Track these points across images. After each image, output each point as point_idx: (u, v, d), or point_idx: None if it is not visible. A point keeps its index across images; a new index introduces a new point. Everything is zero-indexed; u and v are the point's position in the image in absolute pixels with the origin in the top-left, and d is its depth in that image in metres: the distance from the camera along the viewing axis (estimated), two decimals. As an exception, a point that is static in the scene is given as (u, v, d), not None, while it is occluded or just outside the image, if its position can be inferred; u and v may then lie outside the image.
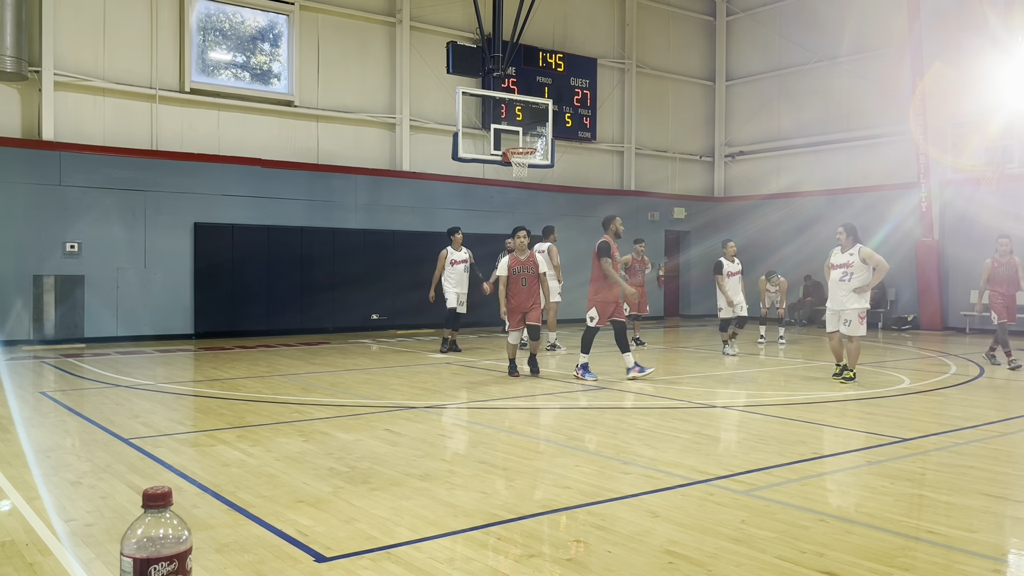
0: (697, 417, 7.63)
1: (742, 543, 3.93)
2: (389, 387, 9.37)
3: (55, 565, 3.67)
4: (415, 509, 4.48)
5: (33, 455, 5.78)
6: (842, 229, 9.69)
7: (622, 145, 21.85)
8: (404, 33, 17.86)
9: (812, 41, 21.14)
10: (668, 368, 11.64)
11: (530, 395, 8.84)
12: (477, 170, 18.14)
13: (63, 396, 8.57)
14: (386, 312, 17.30)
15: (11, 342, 13.36)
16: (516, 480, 5.13)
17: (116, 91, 14.82)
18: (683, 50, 23.13)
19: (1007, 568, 3.81)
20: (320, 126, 17.08)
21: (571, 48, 20.60)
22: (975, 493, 4.92)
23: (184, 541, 2.06)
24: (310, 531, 4.09)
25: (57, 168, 14.03)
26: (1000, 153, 17.34)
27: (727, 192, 23.76)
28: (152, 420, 7.21)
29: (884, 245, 19.32)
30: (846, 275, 9.49)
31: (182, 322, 15.17)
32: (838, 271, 9.59)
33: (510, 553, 3.84)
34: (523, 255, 10.05)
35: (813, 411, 7.68)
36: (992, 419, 7.47)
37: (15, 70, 13.44)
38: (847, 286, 9.43)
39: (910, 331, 18.31)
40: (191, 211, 15.26)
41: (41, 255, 13.86)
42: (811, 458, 5.80)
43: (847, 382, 9.48)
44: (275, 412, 7.63)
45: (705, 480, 5.14)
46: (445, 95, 18.04)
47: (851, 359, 9.60)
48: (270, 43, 16.65)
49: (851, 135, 20.55)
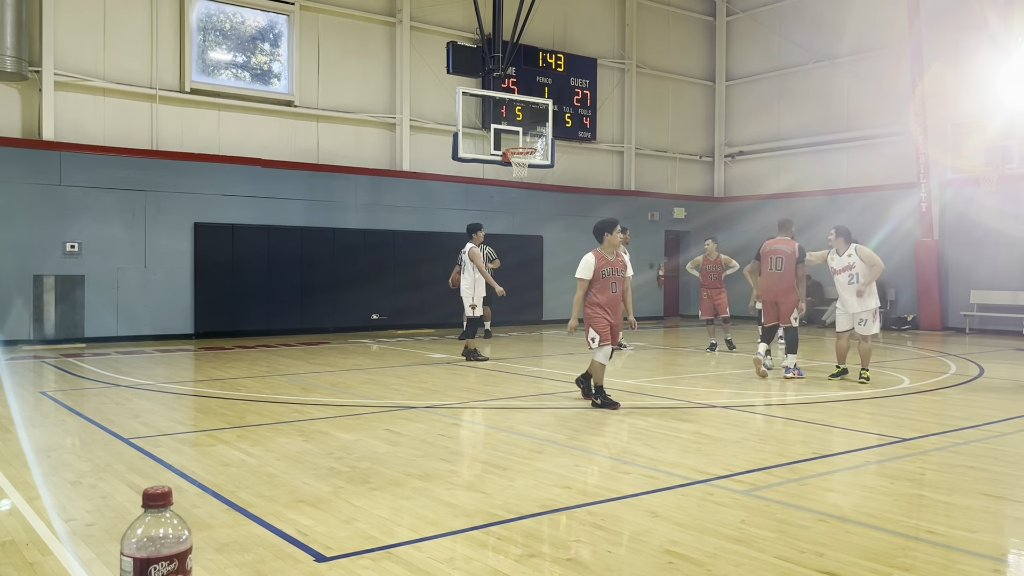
0: (697, 417, 7.63)
1: (742, 543, 3.93)
2: (389, 387, 9.37)
3: (55, 565, 3.67)
4: (415, 509, 4.48)
5: (33, 455, 5.78)
6: (833, 231, 9.71)
7: (622, 145, 21.85)
8: (404, 33, 17.86)
9: (812, 41, 21.14)
10: (668, 368, 11.63)
11: (530, 395, 8.84)
12: (477, 170, 18.14)
13: (63, 396, 8.57)
14: (386, 312, 17.30)
15: (11, 342, 13.36)
16: (516, 480, 5.13)
17: (116, 91, 14.82)
18: (683, 50, 23.14)
19: (1007, 568, 3.81)
20: (320, 126, 17.08)
21: (571, 48, 20.60)
22: (975, 493, 4.92)
23: (184, 541, 2.07)
24: (310, 531, 4.09)
25: (57, 168, 14.03)
26: (1000, 153, 17.34)
27: (727, 192, 23.76)
28: (152, 420, 7.22)
29: (884, 245, 19.31)
30: (852, 277, 9.50)
31: (182, 322, 15.18)
32: (843, 275, 9.58)
33: (510, 553, 3.84)
34: (611, 254, 8.11)
35: (813, 411, 7.68)
36: (992, 419, 7.47)
37: (15, 70, 13.44)
38: (856, 288, 9.45)
39: (910, 331, 18.31)
40: (191, 211, 15.26)
41: (41, 255, 13.86)
42: (811, 458, 5.80)
43: (865, 383, 9.43)
44: (275, 412, 7.63)
45: (705, 480, 5.15)
46: (445, 95, 18.04)
47: (864, 358, 9.59)
48: (270, 43, 16.65)
49: (851, 135, 20.55)
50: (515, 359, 12.39)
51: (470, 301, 11.94)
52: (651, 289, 21.57)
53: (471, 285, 11.95)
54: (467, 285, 11.99)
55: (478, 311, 12.07)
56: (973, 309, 18.05)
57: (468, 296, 11.97)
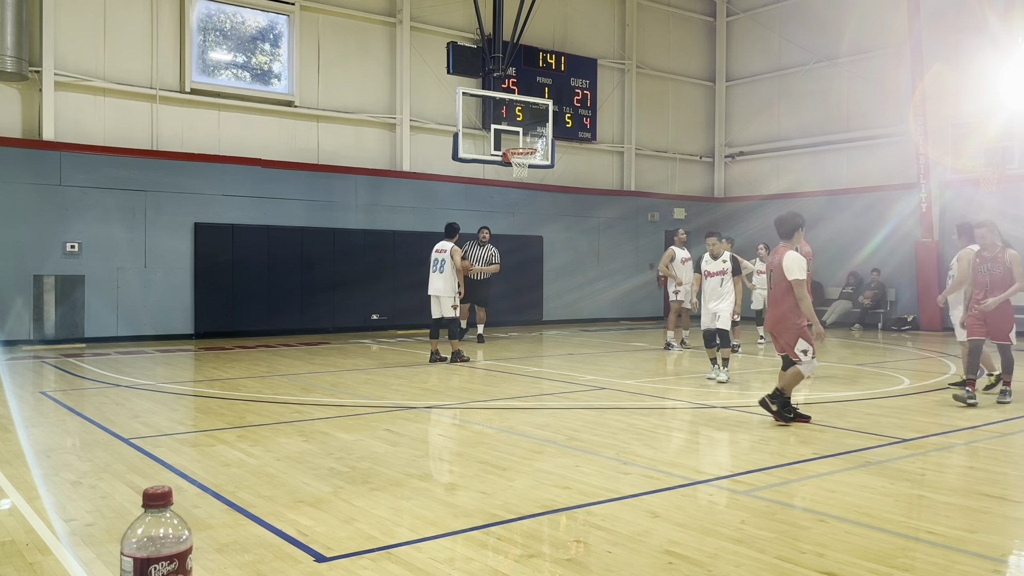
0: (697, 417, 7.63)
1: (742, 543, 3.93)
2: (389, 387, 9.37)
3: (55, 565, 3.67)
4: (415, 509, 4.48)
5: (33, 455, 5.78)
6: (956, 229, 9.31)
7: (622, 145, 21.85)
8: (404, 33, 17.86)
9: (812, 42, 21.14)
10: (668, 368, 11.63)
11: (530, 395, 8.84)
12: (477, 170, 18.14)
13: (63, 396, 8.57)
14: (386, 312, 17.30)
15: (11, 342, 13.36)
16: (516, 480, 5.13)
17: (116, 91, 14.82)
18: (683, 51, 23.14)
19: (1007, 568, 3.81)
20: (320, 126, 17.08)
21: (571, 49, 20.60)
22: (975, 493, 4.92)
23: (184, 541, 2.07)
24: (310, 531, 4.09)
25: (57, 168, 14.03)
26: (1000, 154, 17.33)
27: (727, 192, 23.76)
28: (152, 420, 7.22)
29: (884, 246, 19.38)
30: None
31: (182, 322, 15.18)
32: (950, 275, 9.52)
33: (510, 553, 3.84)
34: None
35: (813, 411, 7.67)
36: (992, 419, 7.47)
37: (15, 70, 13.44)
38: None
39: (910, 332, 18.31)
40: (191, 211, 15.26)
41: (41, 255, 13.86)
42: (811, 458, 5.80)
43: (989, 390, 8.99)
44: (275, 412, 7.63)
45: (705, 480, 5.15)
46: (445, 95, 18.04)
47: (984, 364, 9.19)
48: (270, 43, 16.66)
49: (851, 136, 20.56)
50: (515, 359, 12.39)
51: (452, 302, 11.87)
52: (651, 290, 21.56)
53: (451, 285, 11.86)
54: (447, 285, 11.87)
55: (458, 311, 12.05)
56: (973, 309, 18.02)
57: (449, 296, 11.87)
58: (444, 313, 11.91)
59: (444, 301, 11.89)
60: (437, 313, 11.98)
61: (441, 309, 11.93)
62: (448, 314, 11.88)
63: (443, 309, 11.91)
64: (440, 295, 11.91)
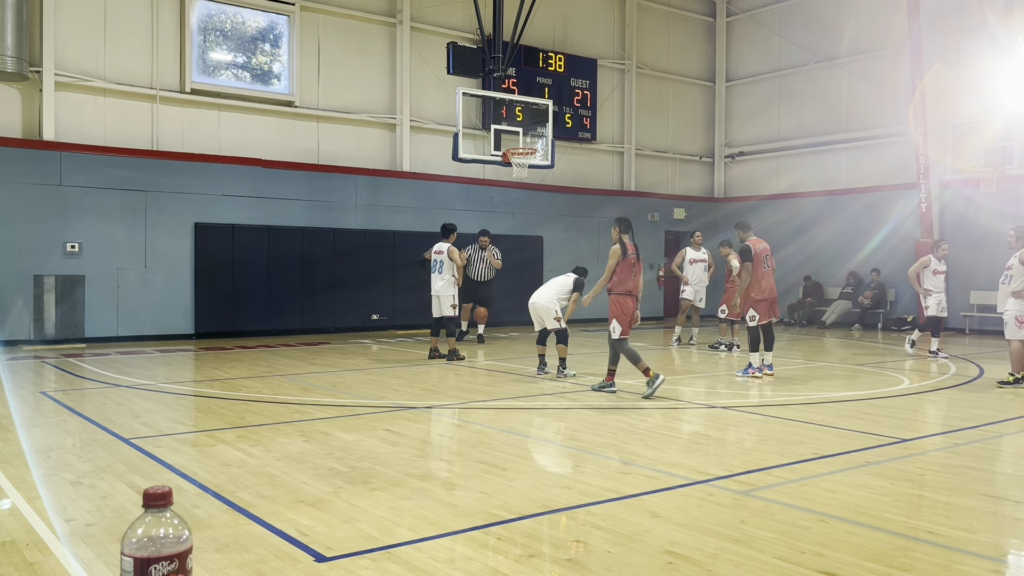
0: (697, 417, 7.64)
1: (742, 543, 3.93)
2: (389, 387, 9.37)
3: (55, 565, 3.67)
4: (415, 509, 4.48)
5: (33, 455, 5.78)
6: (1012, 232, 9.56)
7: (622, 146, 21.86)
8: (404, 33, 17.86)
9: (812, 42, 21.15)
10: (668, 368, 11.63)
11: (530, 395, 8.84)
12: (477, 170, 18.14)
13: (63, 396, 8.57)
14: (386, 312, 17.30)
15: (11, 342, 13.36)
16: (516, 480, 5.13)
17: (117, 91, 14.82)
18: (683, 51, 23.14)
19: (1007, 568, 3.81)
20: (320, 126, 17.08)
21: (571, 49, 20.61)
22: (975, 493, 4.92)
23: (184, 541, 2.07)
24: (310, 531, 4.09)
25: (58, 168, 14.03)
26: (999, 154, 17.33)
27: (727, 193, 23.76)
28: (153, 420, 7.22)
29: (884, 246, 19.39)
30: (1005, 278, 9.54)
31: (182, 322, 15.18)
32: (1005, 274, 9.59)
33: (510, 553, 3.84)
34: None
35: (813, 411, 7.68)
36: (992, 419, 7.48)
37: (16, 70, 13.44)
38: (1006, 289, 9.48)
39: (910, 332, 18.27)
40: (191, 211, 15.26)
41: (41, 255, 13.86)
42: (811, 458, 5.80)
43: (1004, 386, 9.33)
44: (275, 412, 7.63)
45: (705, 480, 5.15)
46: (445, 95, 18.04)
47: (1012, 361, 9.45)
48: (270, 43, 16.66)
49: (851, 136, 20.56)
50: (515, 359, 12.39)
51: (451, 301, 12.04)
52: (651, 289, 21.56)
53: (451, 285, 12.06)
54: (447, 285, 12.06)
55: (456, 310, 12.23)
56: (973, 310, 18.04)
57: (449, 296, 12.05)
58: (444, 312, 12.11)
59: (444, 300, 12.12)
60: (437, 312, 12.24)
61: (441, 308, 12.16)
62: (447, 313, 12.05)
63: (443, 308, 12.13)
64: (440, 295, 12.16)
